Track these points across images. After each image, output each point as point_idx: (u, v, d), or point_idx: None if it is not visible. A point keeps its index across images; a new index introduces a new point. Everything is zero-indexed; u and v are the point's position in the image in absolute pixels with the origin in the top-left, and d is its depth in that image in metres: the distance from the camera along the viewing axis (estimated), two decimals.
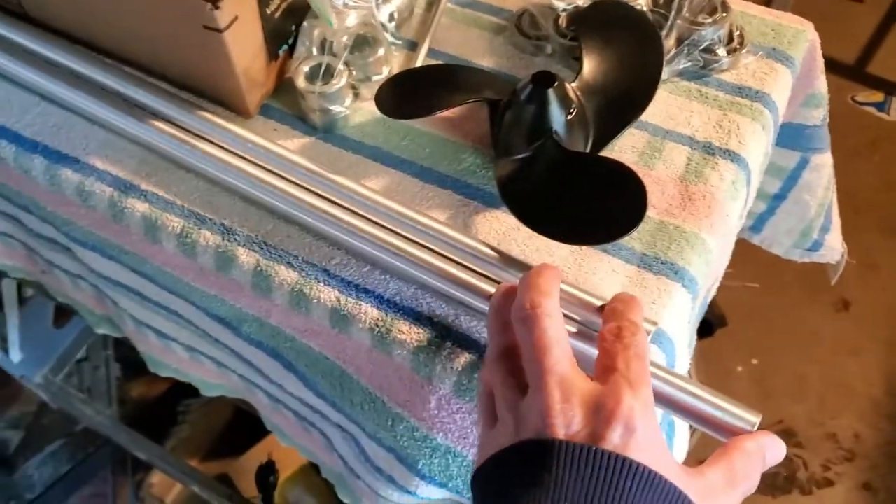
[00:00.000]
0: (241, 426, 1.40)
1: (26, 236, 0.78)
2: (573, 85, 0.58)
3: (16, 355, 1.19)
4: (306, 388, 0.62)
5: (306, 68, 0.61)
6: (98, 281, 0.73)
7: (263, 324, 0.60)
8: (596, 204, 0.52)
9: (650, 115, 0.61)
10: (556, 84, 0.54)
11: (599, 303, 0.48)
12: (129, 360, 1.45)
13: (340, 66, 0.61)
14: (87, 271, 0.74)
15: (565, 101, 0.55)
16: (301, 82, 0.61)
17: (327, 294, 0.54)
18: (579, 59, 0.60)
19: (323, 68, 0.61)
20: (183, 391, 1.47)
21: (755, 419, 0.42)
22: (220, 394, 0.81)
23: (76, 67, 0.65)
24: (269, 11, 0.60)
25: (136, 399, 1.49)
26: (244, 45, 0.59)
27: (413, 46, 0.67)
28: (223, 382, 0.78)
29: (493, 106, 0.58)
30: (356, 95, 0.63)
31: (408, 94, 0.59)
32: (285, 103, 0.64)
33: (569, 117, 0.55)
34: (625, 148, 0.60)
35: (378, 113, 0.62)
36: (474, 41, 0.67)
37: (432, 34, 0.67)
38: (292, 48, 0.64)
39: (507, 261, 0.52)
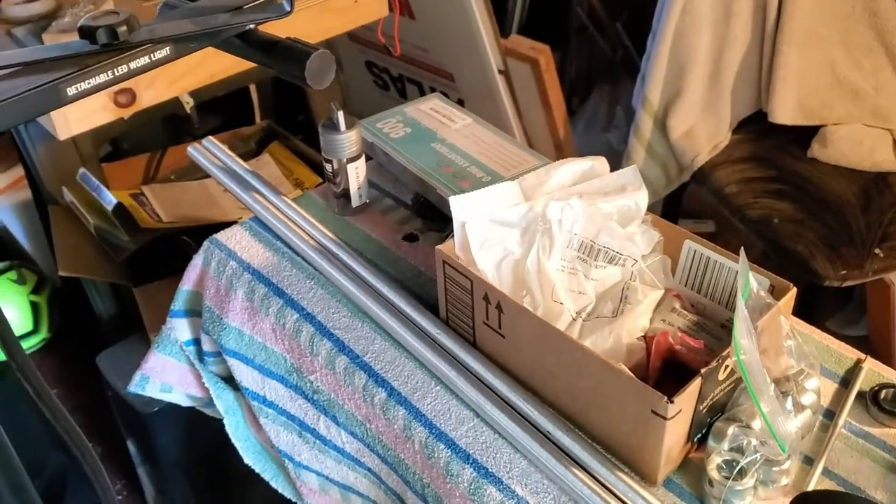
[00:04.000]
0: None
1: None
2: None
3: None
4: None
5: (720, 461, 0.70)
6: None
7: None
8: None
9: None
10: None
11: None
12: None
13: (751, 469, 0.69)
14: None
15: None
16: (714, 473, 0.69)
17: None
18: None
19: (735, 466, 0.69)
20: None
21: None
22: None
23: (511, 397, 0.79)
24: (700, 407, 0.70)
25: None
26: (676, 431, 0.69)
27: (808, 461, 0.73)
28: None
29: None
30: (755, 494, 0.70)
31: None
32: (686, 481, 0.73)
33: None
34: None
35: None
36: (867, 471, 0.73)
37: (827, 454, 0.73)
38: (704, 436, 0.73)
39: None
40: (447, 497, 0.77)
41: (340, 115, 0.97)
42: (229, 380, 1.04)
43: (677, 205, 1.93)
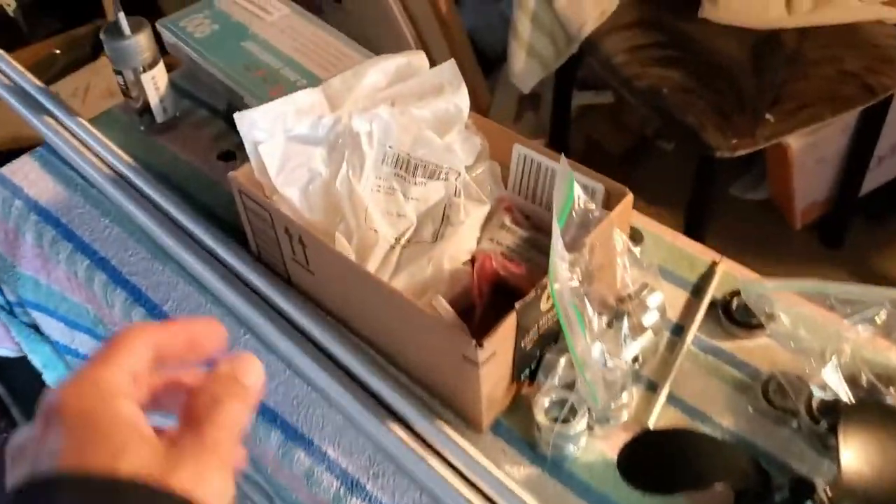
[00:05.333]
0: None
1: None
2: (826, 488, 0.55)
3: None
4: None
5: (546, 402, 0.62)
6: None
7: None
8: None
9: None
10: (814, 497, 0.51)
11: None
12: None
13: (582, 406, 0.61)
14: None
15: None
16: (540, 415, 0.61)
17: None
18: (831, 450, 0.57)
19: (565, 405, 0.61)
20: None
21: None
22: None
23: (325, 343, 0.69)
24: (522, 342, 0.61)
25: None
26: (494, 374, 0.60)
27: (652, 386, 0.66)
28: None
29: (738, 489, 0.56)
30: (591, 433, 0.63)
31: (650, 463, 0.58)
32: (516, 423, 0.65)
33: None
34: None
35: (610, 456, 0.61)
36: (714, 393, 0.66)
37: (673, 378, 0.66)
38: (534, 373, 0.64)
39: None
40: (261, 459, 0.69)
41: (122, 16, 0.82)
42: None
43: (571, 77, 1.81)
